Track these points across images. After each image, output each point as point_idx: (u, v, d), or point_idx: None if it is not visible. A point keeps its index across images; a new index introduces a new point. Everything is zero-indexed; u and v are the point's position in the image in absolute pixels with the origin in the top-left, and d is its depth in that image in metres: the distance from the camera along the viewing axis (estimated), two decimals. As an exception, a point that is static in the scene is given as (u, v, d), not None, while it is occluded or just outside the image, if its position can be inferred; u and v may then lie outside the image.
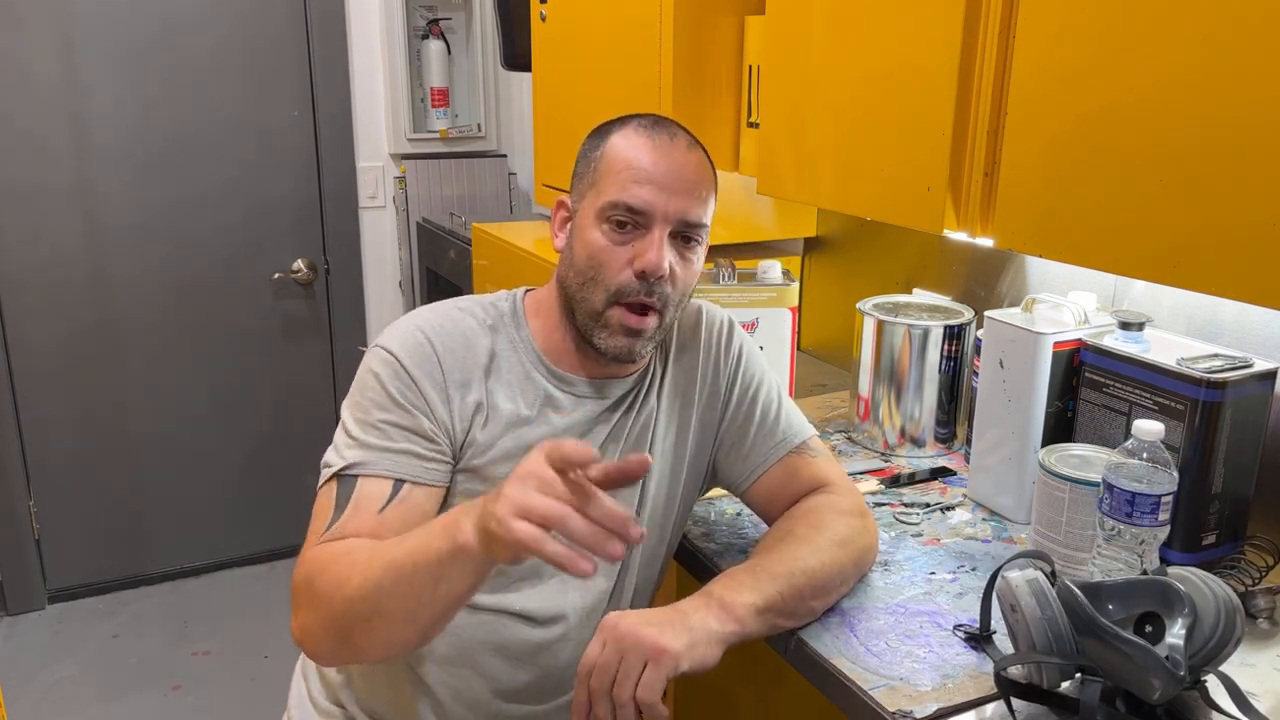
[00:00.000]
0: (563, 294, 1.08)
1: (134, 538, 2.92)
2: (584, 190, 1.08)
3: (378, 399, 1.01)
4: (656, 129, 1.06)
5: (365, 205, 3.02)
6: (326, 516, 0.98)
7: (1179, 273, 0.89)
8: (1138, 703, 0.87)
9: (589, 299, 1.04)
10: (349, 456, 0.99)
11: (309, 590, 0.94)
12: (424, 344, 1.03)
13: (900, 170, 1.19)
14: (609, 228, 1.03)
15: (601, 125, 1.11)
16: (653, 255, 1.01)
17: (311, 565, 0.95)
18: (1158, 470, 0.99)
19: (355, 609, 0.90)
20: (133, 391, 2.83)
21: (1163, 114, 0.88)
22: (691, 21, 1.60)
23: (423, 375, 1.02)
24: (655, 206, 1.02)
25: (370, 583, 0.88)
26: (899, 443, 1.50)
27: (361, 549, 0.93)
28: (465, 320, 1.08)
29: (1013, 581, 0.91)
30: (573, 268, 1.06)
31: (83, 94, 2.60)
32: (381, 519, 0.97)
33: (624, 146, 1.05)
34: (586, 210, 1.06)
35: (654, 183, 1.02)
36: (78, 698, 2.45)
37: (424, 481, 1.00)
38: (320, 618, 0.93)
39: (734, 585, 0.97)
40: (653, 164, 1.03)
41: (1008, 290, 1.55)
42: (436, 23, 2.97)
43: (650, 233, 1.03)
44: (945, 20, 1.09)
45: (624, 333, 1.04)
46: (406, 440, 1.00)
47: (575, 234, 1.07)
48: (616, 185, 1.03)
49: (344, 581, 0.90)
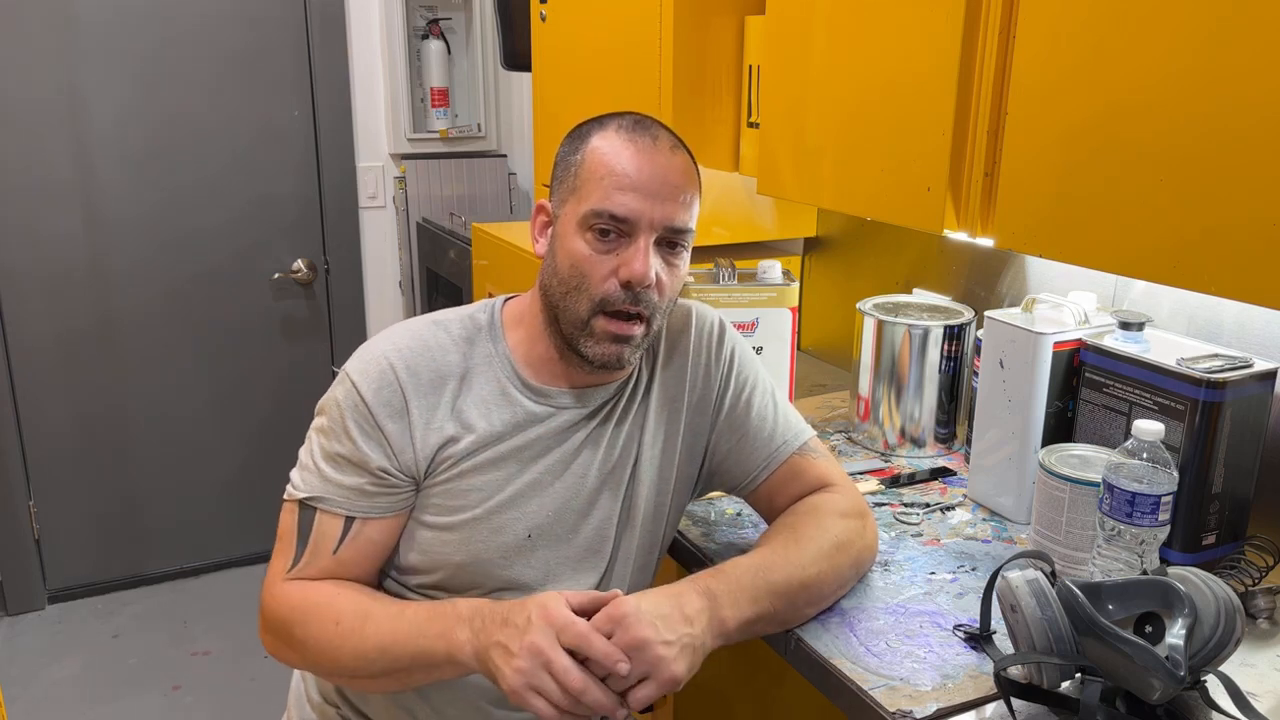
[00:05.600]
0: (545, 301, 1.06)
1: (134, 538, 2.92)
2: (564, 195, 1.04)
3: (336, 431, 1.03)
4: (638, 131, 1.03)
5: (365, 205, 3.02)
6: (290, 543, 1.03)
7: (1179, 273, 0.89)
8: (1138, 703, 0.87)
9: (573, 308, 1.02)
10: (309, 486, 1.03)
11: (288, 635, 1.00)
12: (387, 372, 1.02)
13: (900, 170, 1.18)
14: (592, 236, 1.00)
15: (580, 126, 1.08)
16: (638, 265, 0.99)
17: (288, 611, 1.00)
18: (1158, 470, 0.99)
19: (344, 671, 0.99)
20: (134, 392, 2.83)
21: (1163, 114, 0.88)
22: (691, 21, 1.60)
23: (381, 408, 1.01)
24: (639, 214, 0.99)
25: (363, 659, 0.96)
26: (899, 443, 1.50)
27: (345, 605, 0.99)
28: (438, 338, 1.06)
29: (1013, 582, 0.91)
30: (555, 275, 1.03)
31: (83, 94, 2.60)
32: (338, 559, 1.02)
33: (605, 150, 1.01)
34: (568, 217, 1.03)
35: (637, 189, 0.99)
36: (78, 698, 2.45)
37: (374, 516, 1.02)
38: (306, 663, 1.02)
39: (736, 592, 0.96)
40: (636, 169, 1.00)
41: (1008, 290, 1.55)
42: (436, 23, 2.97)
43: (635, 241, 1.00)
44: (945, 20, 1.09)
45: (610, 340, 1.02)
46: (356, 475, 1.01)
47: (557, 241, 1.04)
48: (599, 192, 1.00)
49: (333, 648, 0.97)
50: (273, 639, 1.03)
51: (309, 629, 0.98)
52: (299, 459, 1.06)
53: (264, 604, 1.03)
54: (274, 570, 1.03)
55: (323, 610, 0.99)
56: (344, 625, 0.97)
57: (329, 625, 0.98)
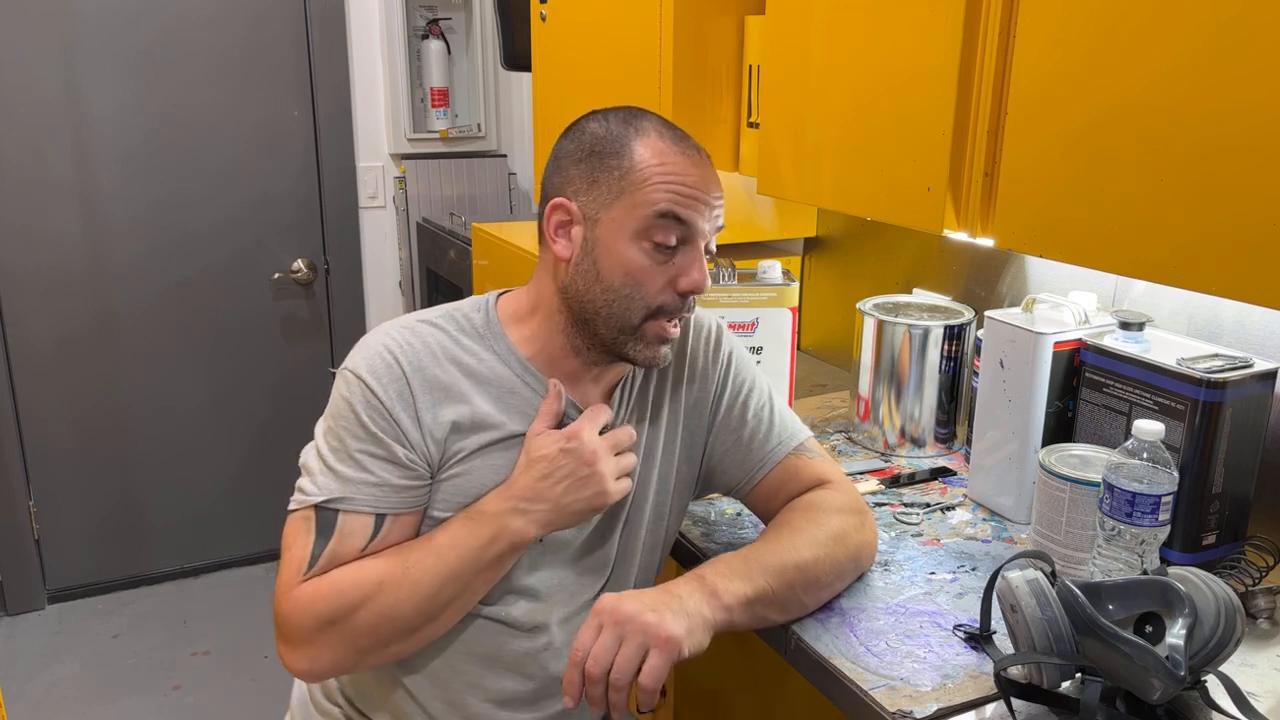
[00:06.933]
0: (574, 304, 1.03)
1: (134, 538, 2.92)
2: (606, 197, 1.00)
3: (351, 428, 0.99)
4: (678, 137, 1.03)
5: (365, 205, 3.02)
6: (306, 547, 0.97)
7: (1179, 273, 0.89)
8: (1138, 703, 0.87)
9: (622, 315, 1.01)
10: (327, 489, 0.98)
11: (330, 628, 0.95)
12: (392, 364, 1.00)
13: (900, 170, 1.18)
14: (650, 246, 0.99)
15: (600, 123, 1.04)
16: (698, 275, 1.01)
17: (324, 604, 0.95)
18: (1158, 470, 0.99)
19: (410, 627, 0.97)
20: (134, 393, 2.83)
21: (1163, 114, 0.88)
22: (691, 21, 1.60)
23: (393, 398, 0.99)
24: (700, 222, 1.00)
25: (428, 602, 0.97)
26: (899, 443, 1.50)
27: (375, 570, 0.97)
28: (434, 335, 1.04)
29: (1013, 581, 0.91)
30: (599, 283, 1.01)
31: (82, 94, 2.60)
32: (364, 556, 0.99)
33: (662, 155, 1.00)
34: (617, 222, 1.00)
35: (697, 198, 1.00)
36: (78, 698, 2.45)
37: (404, 510, 1.00)
38: (362, 649, 0.98)
39: (726, 572, 0.97)
40: (699, 179, 1.00)
41: (1008, 290, 1.55)
42: (436, 23, 2.97)
43: (693, 250, 1.01)
44: (945, 20, 1.09)
45: (660, 343, 1.03)
46: (384, 471, 0.98)
47: (600, 247, 1.00)
48: (664, 196, 0.98)
49: (391, 610, 0.96)
50: (311, 647, 0.96)
51: (356, 611, 0.95)
52: (306, 467, 1.01)
53: (284, 616, 0.96)
54: (285, 579, 0.97)
55: (360, 585, 0.95)
56: (389, 585, 0.95)
57: (374, 594, 0.95)
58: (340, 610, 0.95)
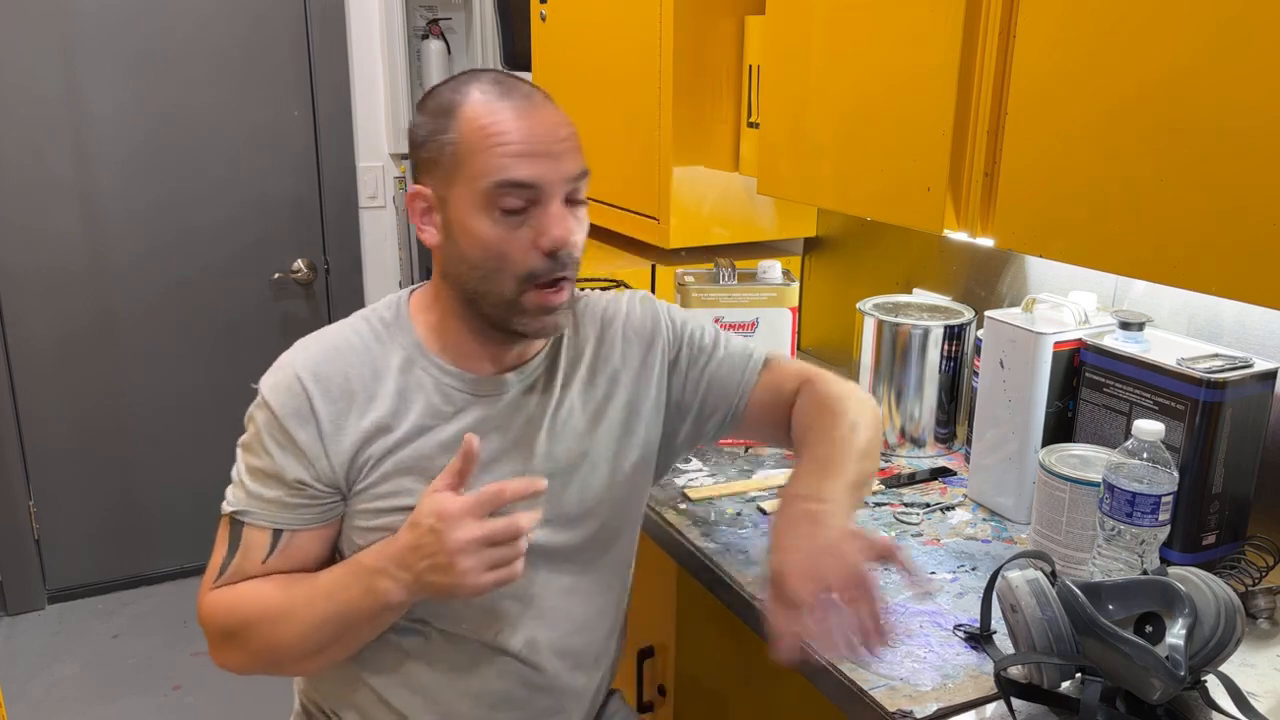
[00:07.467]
0: (456, 288, 1.00)
1: (134, 538, 2.92)
2: (446, 177, 0.96)
3: (252, 445, 1.02)
4: (506, 90, 0.96)
5: (365, 205, 3.02)
6: (220, 555, 1.03)
7: (1179, 273, 0.89)
8: (1138, 703, 0.87)
9: (495, 290, 0.96)
10: (236, 501, 1.02)
11: (228, 640, 1.00)
12: (293, 382, 0.99)
13: (900, 170, 1.19)
14: (499, 214, 0.94)
15: (433, 98, 0.99)
16: (557, 230, 0.94)
17: (223, 617, 1.00)
18: (1158, 470, 0.99)
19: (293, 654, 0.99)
20: (134, 393, 2.83)
21: (1162, 114, 0.88)
22: (691, 21, 1.60)
23: (293, 420, 0.98)
24: (544, 177, 0.94)
25: (304, 640, 0.97)
26: (899, 443, 1.50)
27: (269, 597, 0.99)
28: (348, 339, 1.02)
29: (1013, 581, 0.91)
30: (464, 263, 0.97)
31: (82, 94, 2.60)
32: (266, 568, 1.01)
33: (484, 118, 0.94)
34: (461, 198, 0.95)
35: (534, 152, 0.93)
36: (78, 698, 2.45)
37: (300, 527, 1.00)
38: (253, 663, 1.01)
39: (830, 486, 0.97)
40: (528, 131, 0.94)
41: (1008, 290, 1.55)
42: (436, 23, 2.97)
43: (547, 206, 0.95)
44: (945, 20, 1.09)
45: (544, 313, 0.98)
46: (277, 488, 0.99)
47: (456, 228, 0.97)
48: (495, 164, 0.93)
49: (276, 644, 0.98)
50: (220, 653, 1.02)
51: (248, 630, 0.98)
52: (232, 475, 1.05)
53: (199, 618, 1.03)
54: (202, 583, 1.03)
55: (253, 607, 0.98)
56: (273, 615, 0.97)
57: (261, 619, 0.98)
58: (234, 627, 0.99)
